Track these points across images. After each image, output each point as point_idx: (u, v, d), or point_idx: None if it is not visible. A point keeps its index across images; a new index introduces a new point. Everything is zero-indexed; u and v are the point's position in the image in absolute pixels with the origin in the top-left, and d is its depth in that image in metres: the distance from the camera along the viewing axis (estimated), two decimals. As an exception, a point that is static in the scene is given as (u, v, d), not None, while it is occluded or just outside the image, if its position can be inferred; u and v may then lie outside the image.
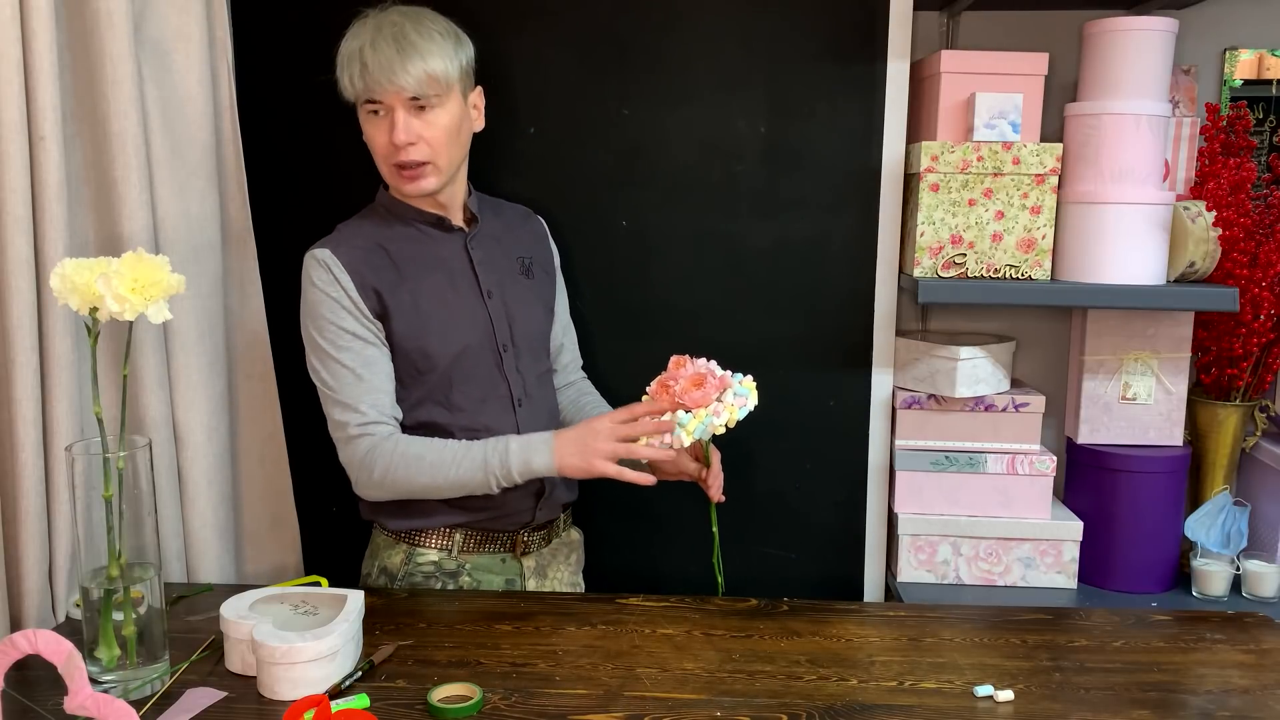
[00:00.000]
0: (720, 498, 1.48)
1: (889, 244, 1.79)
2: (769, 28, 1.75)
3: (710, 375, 1.34)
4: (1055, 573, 1.76)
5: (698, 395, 1.32)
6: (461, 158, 1.46)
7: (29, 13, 1.27)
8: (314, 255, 1.41)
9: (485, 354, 1.47)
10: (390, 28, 1.36)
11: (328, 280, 1.39)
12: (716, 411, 1.31)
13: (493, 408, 1.47)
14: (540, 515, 1.52)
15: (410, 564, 1.48)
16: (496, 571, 1.51)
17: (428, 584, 1.48)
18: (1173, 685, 1.20)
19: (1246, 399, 1.79)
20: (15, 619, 1.33)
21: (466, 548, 1.49)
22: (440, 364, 1.43)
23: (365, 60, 1.35)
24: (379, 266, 1.42)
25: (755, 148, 1.78)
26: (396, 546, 1.49)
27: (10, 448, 1.31)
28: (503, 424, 1.48)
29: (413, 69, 1.34)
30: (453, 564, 1.48)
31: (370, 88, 1.36)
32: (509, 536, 1.51)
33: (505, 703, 1.14)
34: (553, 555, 1.58)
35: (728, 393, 1.33)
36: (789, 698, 1.16)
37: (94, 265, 1.13)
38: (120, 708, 0.92)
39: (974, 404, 1.76)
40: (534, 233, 1.63)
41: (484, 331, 1.47)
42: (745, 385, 1.35)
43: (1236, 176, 1.68)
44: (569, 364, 1.69)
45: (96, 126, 1.41)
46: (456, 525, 1.47)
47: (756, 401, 1.34)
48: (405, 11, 1.40)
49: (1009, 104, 1.66)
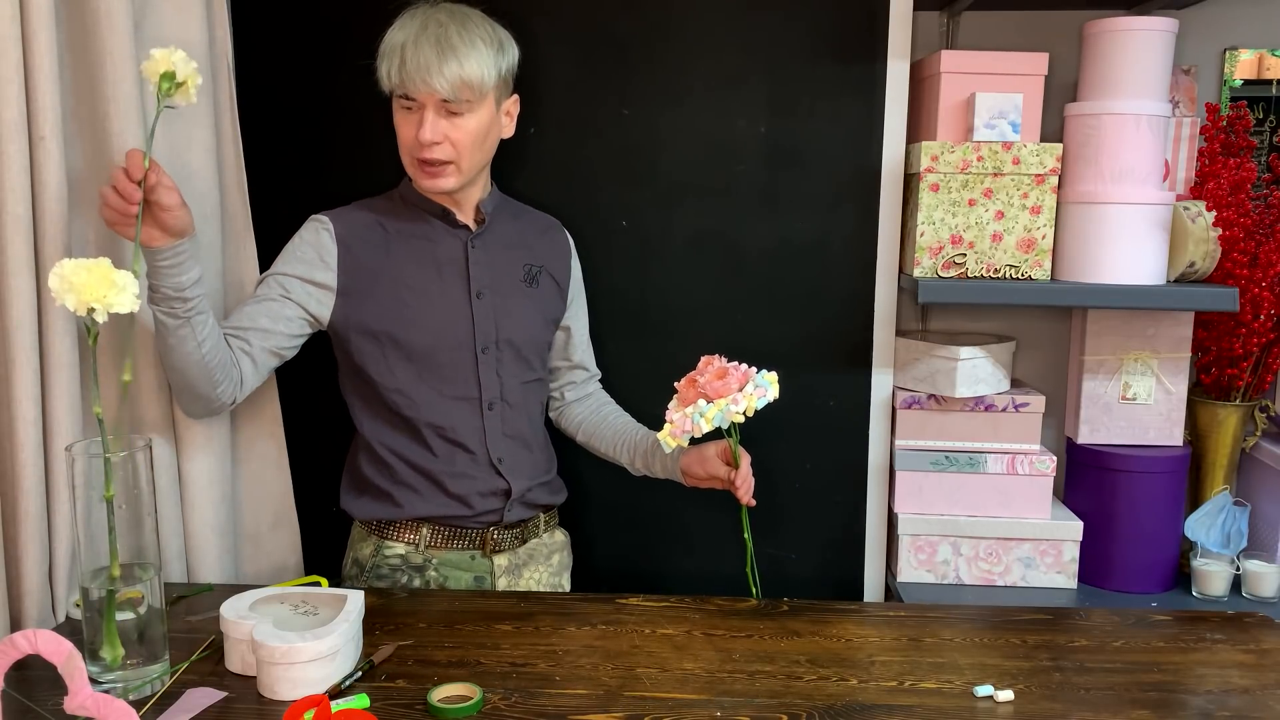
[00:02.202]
0: (750, 501, 1.46)
1: (889, 244, 1.79)
2: (769, 28, 1.75)
3: (734, 369, 1.38)
4: (1055, 573, 1.76)
5: (719, 385, 1.36)
6: (484, 161, 1.48)
7: (29, 13, 1.27)
8: (315, 217, 1.49)
9: (461, 353, 1.47)
10: (435, 28, 1.38)
11: (313, 239, 1.46)
12: (735, 400, 1.34)
13: (460, 408, 1.48)
14: (510, 515, 1.52)
15: (378, 556, 1.50)
16: (465, 568, 1.51)
17: (394, 577, 1.50)
18: (1173, 685, 1.20)
19: (1246, 399, 1.79)
20: (15, 619, 1.33)
21: (434, 542, 1.50)
22: (410, 353, 1.44)
23: (405, 57, 1.37)
24: (370, 242, 1.46)
25: (755, 148, 1.78)
26: (368, 538, 1.52)
27: (10, 448, 1.31)
28: (468, 425, 1.48)
29: (448, 73, 1.36)
30: (419, 558, 1.49)
31: (405, 84, 1.38)
32: (477, 534, 1.51)
33: (505, 703, 1.14)
34: (529, 556, 1.58)
35: (749, 384, 1.37)
36: (789, 698, 1.16)
37: (93, 265, 1.13)
38: (120, 708, 0.92)
39: (974, 404, 1.76)
40: (553, 244, 1.63)
41: (464, 330, 1.47)
42: (767, 378, 1.39)
43: (1236, 176, 1.68)
44: (586, 378, 1.70)
45: (96, 126, 1.41)
46: (423, 519, 1.49)
47: (777, 394, 1.38)
48: (454, 11, 1.41)
49: (1009, 104, 1.66)
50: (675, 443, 1.38)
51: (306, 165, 1.80)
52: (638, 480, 1.61)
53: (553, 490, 1.60)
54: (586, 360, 1.69)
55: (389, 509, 1.49)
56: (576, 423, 1.66)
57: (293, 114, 1.79)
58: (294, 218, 1.56)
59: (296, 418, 1.72)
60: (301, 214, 1.55)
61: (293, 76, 1.78)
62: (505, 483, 1.51)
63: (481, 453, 1.50)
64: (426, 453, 1.48)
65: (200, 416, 1.44)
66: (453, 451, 1.48)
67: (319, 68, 1.78)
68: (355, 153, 1.78)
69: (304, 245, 1.46)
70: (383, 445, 1.49)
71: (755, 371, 1.39)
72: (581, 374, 1.69)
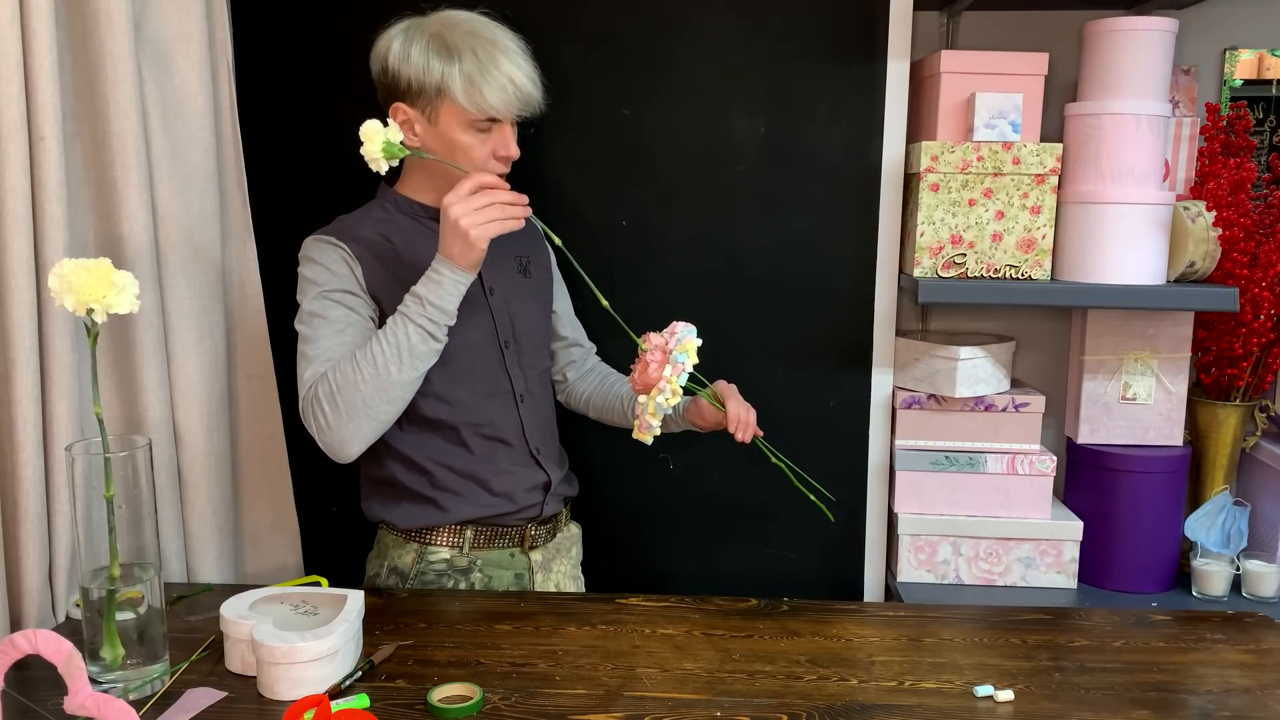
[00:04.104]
0: (747, 438, 1.41)
1: (889, 244, 1.79)
2: (769, 28, 1.75)
3: (652, 356, 1.32)
4: (1055, 573, 1.76)
5: (647, 379, 1.32)
6: None
7: (29, 13, 1.27)
8: (319, 239, 1.41)
9: (488, 349, 1.48)
10: (513, 41, 1.40)
11: (332, 257, 1.39)
12: (662, 390, 1.31)
13: (496, 403, 1.48)
14: (548, 508, 1.53)
15: (422, 562, 1.49)
16: (506, 566, 1.51)
17: (440, 582, 1.48)
18: (1173, 685, 1.20)
19: (1246, 399, 1.79)
20: (15, 619, 1.33)
21: (477, 544, 1.49)
22: (444, 358, 1.43)
23: (517, 83, 1.37)
24: (381, 256, 1.43)
25: (755, 148, 1.78)
26: (407, 546, 1.49)
27: (10, 448, 1.31)
28: (506, 419, 1.49)
29: (538, 93, 1.41)
30: (464, 560, 1.49)
31: (506, 108, 1.38)
32: (518, 531, 1.51)
33: (505, 703, 1.14)
34: (557, 550, 1.59)
35: (666, 368, 1.31)
36: (789, 698, 1.16)
37: (93, 266, 1.13)
38: (120, 708, 0.92)
39: (974, 404, 1.76)
40: (530, 232, 1.63)
41: (486, 327, 1.47)
42: (682, 348, 1.32)
43: (1236, 176, 1.68)
44: (584, 354, 1.70)
45: (96, 126, 1.41)
46: (467, 522, 1.48)
47: (696, 359, 1.32)
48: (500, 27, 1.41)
49: (1009, 104, 1.66)
50: (645, 437, 1.35)
51: (306, 165, 1.80)
52: (637, 480, 1.61)
53: (570, 481, 1.61)
54: (579, 336, 1.70)
55: (433, 514, 1.47)
56: (585, 399, 1.66)
57: (293, 114, 1.79)
58: (294, 218, 1.57)
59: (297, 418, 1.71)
60: (301, 214, 1.55)
61: (293, 76, 1.78)
62: (545, 474, 1.52)
63: (520, 445, 1.50)
64: (466, 453, 1.47)
65: (366, 445, 1.36)
66: (493, 448, 1.48)
67: (319, 68, 1.78)
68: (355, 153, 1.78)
69: (332, 261, 1.39)
70: (420, 452, 1.46)
71: (673, 339, 1.33)
72: (579, 351, 1.69)
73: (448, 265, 1.30)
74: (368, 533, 1.57)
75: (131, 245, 1.43)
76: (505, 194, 1.30)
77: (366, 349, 1.30)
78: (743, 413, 1.41)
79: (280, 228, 1.69)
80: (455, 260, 1.30)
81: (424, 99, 1.38)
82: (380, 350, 1.29)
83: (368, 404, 1.30)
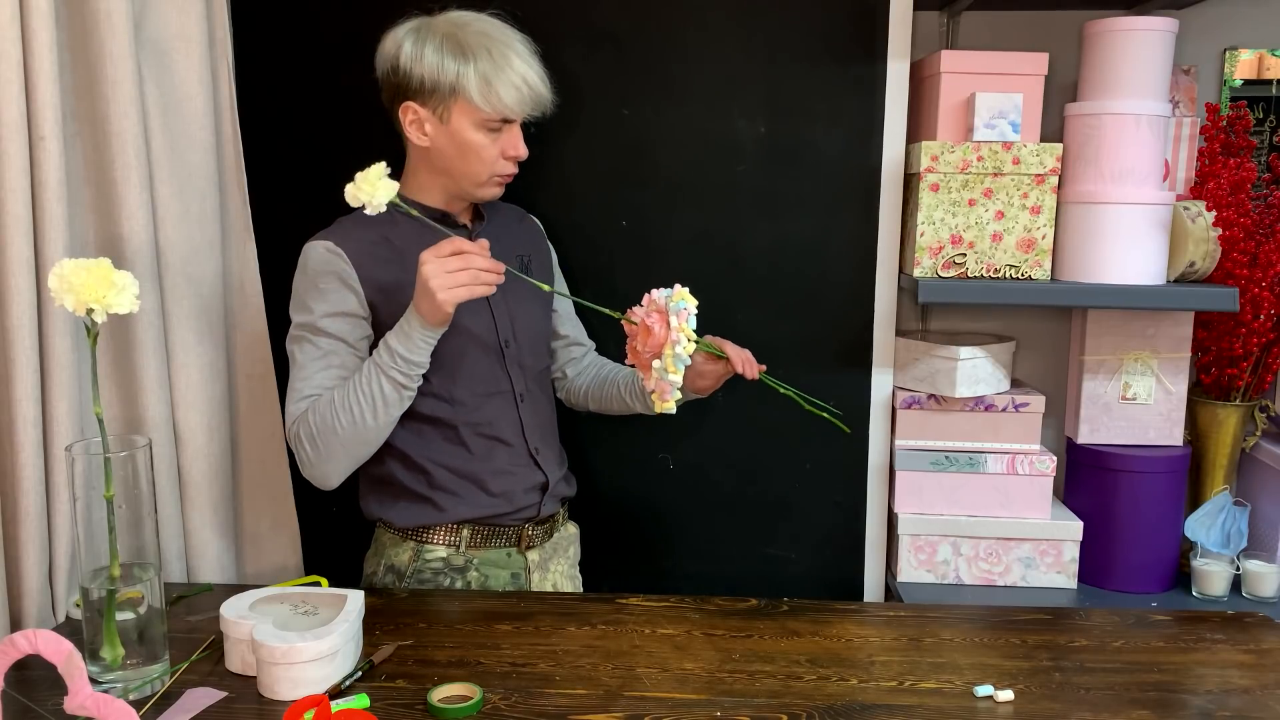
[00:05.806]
0: (755, 374, 1.42)
1: (889, 244, 1.79)
2: (769, 28, 1.75)
3: (652, 319, 1.32)
4: (1055, 573, 1.76)
5: (655, 341, 1.31)
6: None
7: (29, 13, 1.27)
8: (318, 244, 1.41)
9: (488, 349, 1.48)
10: (522, 43, 1.40)
11: (329, 266, 1.39)
12: (675, 341, 1.29)
13: (496, 403, 1.48)
14: (545, 509, 1.53)
15: (419, 560, 1.49)
16: (503, 566, 1.51)
17: (436, 580, 1.49)
18: (1173, 685, 1.20)
19: (1246, 399, 1.79)
20: (15, 619, 1.33)
21: (474, 543, 1.49)
22: (444, 358, 1.43)
23: (530, 82, 1.38)
24: (381, 258, 1.43)
25: (755, 148, 1.78)
26: (404, 544, 1.50)
27: (10, 448, 1.31)
28: (506, 418, 1.49)
29: (549, 94, 1.42)
30: (460, 559, 1.49)
31: (521, 108, 1.39)
32: (514, 530, 1.51)
33: (505, 703, 1.14)
34: (554, 549, 1.59)
35: (670, 318, 1.30)
36: (789, 698, 1.16)
37: (93, 266, 1.13)
38: (120, 708, 0.92)
39: (974, 404, 1.76)
40: (530, 231, 1.64)
41: (486, 327, 1.48)
42: (678, 297, 1.31)
43: (1236, 176, 1.68)
44: (584, 353, 1.70)
45: (96, 126, 1.41)
46: (464, 521, 1.48)
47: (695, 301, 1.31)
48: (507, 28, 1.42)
49: (1009, 104, 1.66)
50: (669, 404, 1.33)
51: (306, 165, 1.80)
52: (636, 480, 1.61)
53: (569, 482, 1.62)
54: (579, 334, 1.70)
55: (430, 513, 1.48)
56: (583, 393, 1.66)
57: (293, 114, 1.79)
58: (294, 218, 1.56)
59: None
60: (302, 214, 1.55)
61: (293, 76, 1.78)
62: (543, 475, 1.52)
63: (520, 445, 1.51)
64: (464, 453, 1.47)
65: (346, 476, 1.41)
66: (492, 448, 1.48)
67: (319, 68, 1.78)
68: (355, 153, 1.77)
69: (325, 277, 1.40)
70: (418, 452, 1.47)
71: (665, 298, 1.32)
72: (579, 349, 1.69)
73: (418, 320, 1.32)
74: (368, 533, 1.58)
75: (131, 245, 1.43)
76: (481, 260, 1.30)
77: (345, 394, 1.34)
78: (744, 352, 1.43)
79: (280, 228, 1.69)
80: (424, 316, 1.31)
81: (437, 98, 1.38)
82: (356, 400, 1.34)
83: (345, 447, 1.36)
